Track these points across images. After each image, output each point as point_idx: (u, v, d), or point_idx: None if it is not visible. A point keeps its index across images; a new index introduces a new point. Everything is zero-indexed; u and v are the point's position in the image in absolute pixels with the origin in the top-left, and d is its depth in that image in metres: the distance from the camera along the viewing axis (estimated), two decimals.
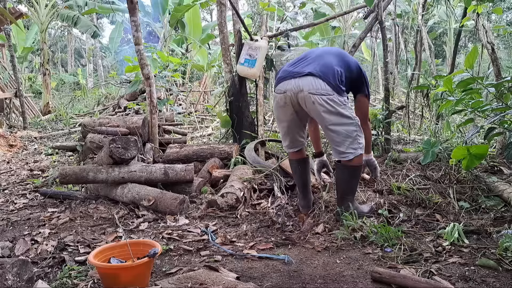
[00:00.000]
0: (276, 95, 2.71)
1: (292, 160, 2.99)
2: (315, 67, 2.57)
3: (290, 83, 2.60)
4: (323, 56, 2.67)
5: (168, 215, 3.04)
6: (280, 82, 2.68)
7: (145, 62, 4.27)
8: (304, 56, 2.77)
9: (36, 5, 10.98)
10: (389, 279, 1.89)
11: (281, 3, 16.18)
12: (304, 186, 2.97)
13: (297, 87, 2.56)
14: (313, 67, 2.58)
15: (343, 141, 2.59)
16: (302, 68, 2.61)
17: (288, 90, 2.60)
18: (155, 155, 4.26)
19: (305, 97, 2.54)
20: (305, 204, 2.96)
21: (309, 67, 2.59)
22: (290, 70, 2.66)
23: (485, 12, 4.01)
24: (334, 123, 2.56)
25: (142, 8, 11.74)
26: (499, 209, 2.76)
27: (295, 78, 2.59)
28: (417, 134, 5.39)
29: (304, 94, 2.54)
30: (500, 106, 2.72)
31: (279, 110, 2.75)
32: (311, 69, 2.56)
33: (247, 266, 2.17)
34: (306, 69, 2.58)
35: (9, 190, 4.01)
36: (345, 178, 2.75)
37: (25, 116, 8.65)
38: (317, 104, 2.52)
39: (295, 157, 2.96)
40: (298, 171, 2.97)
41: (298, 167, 2.97)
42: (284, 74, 2.68)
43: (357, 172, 2.75)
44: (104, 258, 1.99)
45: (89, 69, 22.81)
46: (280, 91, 2.66)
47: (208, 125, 7.97)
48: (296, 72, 2.61)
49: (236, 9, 4.29)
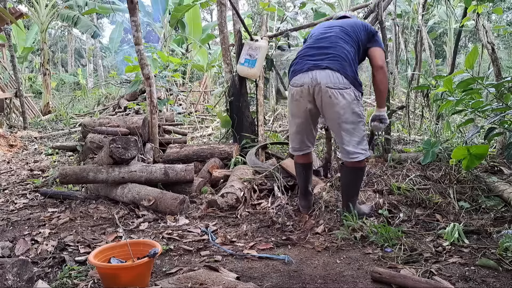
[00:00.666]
0: (292, 88, 2.63)
1: (298, 163, 2.94)
2: (332, 59, 2.51)
3: (307, 76, 2.53)
4: (338, 43, 2.58)
5: (168, 215, 3.04)
6: (296, 75, 2.60)
7: (145, 62, 4.27)
8: (316, 41, 2.66)
9: (36, 5, 10.97)
10: (389, 279, 1.89)
11: (281, 3, 16.17)
12: (306, 187, 2.95)
13: (315, 80, 2.50)
14: (330, 59, 2.51)
15: (353, 140, 2.57)
16: (319, 61, 2.53)
17: (305, 84, 2.54)
18: (155, 155, 4.26)
19: (322, 91, 2.48)
20: (305, 205, 2.95)
21: (326, 60, 2.52)
22: (307, 62, 2.58)
23: (485, 12, 4.00)
24: (347, 121, 2.53)
25: (142, 8, 11.73)
26: (499, 209, 2.76)
27: (312, 70, 2.52)
28: (417, 134, 5.39)
29: (321, 87, 2.48)
30: (500, 106, 2.72)
31: (294, 104, 2.67)
32: (329, 62, 2.50)
33: (247, 266, 2.17)
34: (324, 62, 2.51)
35: (9, 190, 4.01)
36: (352, 180, 2.73)
37: (25, 116, 8.65)
38: (333, 98, 2.47)
39: (302, 160, 2.90)
40: (302, 175, 2.93)
41: (302, 172, 2.92)
42: (300, 66, 2.60)
43: (363, 173, 2.76)
44: (104, 258, 1.99)
45: (89, 69, 22.81)
46: (297, 84, 2.58)
47: (208, 125, 7.97)
48: (313, 65, 2.53)
49: (236, 9, 4.29)
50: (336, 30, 2.68)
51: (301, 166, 2.92)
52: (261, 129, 4.37)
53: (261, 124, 4.38)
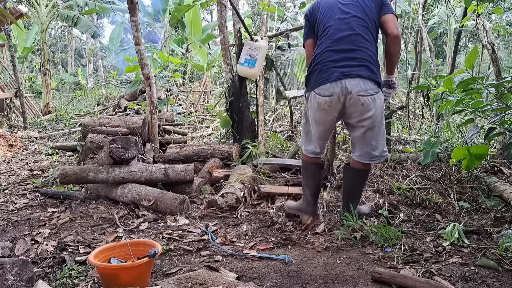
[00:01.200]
0: (319, 97, 2.48)
1: (313, 164, 2.75)
2: (360, 65, 2.42)
3: (336, 86, 2.42)
4: (360, 43, 2.45)
5: (168, 215, 3.04)
6: (324, 84, 2.45)
7: (145, 62, 4.27)
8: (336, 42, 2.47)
9: (36, 5, 10.98)
10: (389, 279, 1.89)
11: (281, 3, 16.15)
12: (317, 192, 2.80)
13: (345, 89, 2.40)
14: (359, 65, 2.42)
15: (380, 143, 2.55)
16: (347, 68, 2.42)
17: (335, 94, 2.42)
18: (155, 155, 4.26)
19: (353, 99, 2.41)
20: (314, 211, 2.78)
21: (355, 67, 2.41)
22: (333, 70, 2.44)
23: (485, 12, 4.00)
24: (377, 124, 2.49)
25: (142, 8, 11.73)
26: (499, 209, 2.76)
27: (341, 80, 2.41)
28: (417, 134, 5.39)
29: (352, 96, 2.40)
30: (500, 106, 2.72)
31: (320, 113, 2.53)
32: (358, 69, 2.41)
33: (247, 266, 2.17)
34: (353, 70, 2.41)
35: (10, 190, 4.01)
36: (360, 181, 2.72)
37: (25, 116, 8.65)
38: (366, 105, 2.42)
39: (317, 160, 2.76)
40: (316, 176, 2.76)
41: (316, 171, 2.77)
42: (327, 74, 2.45)
43: (368, 174, 2.76)
44: (104, 258, 1.99)
45: (89, 69, 22.80)
46: (325, 94, 2.45)
47: (208, 125, 7.97)
48: (341, 73, 2.42)
49: (236, 9, 4.29)
50: (353, 25, 2.47)
51: (316, 166, 2.76)
52: (261, 129, 4.37)
53: (261, 124, 4.38)
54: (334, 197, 3.10)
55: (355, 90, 2.40)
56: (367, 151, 2.57)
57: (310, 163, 2.76)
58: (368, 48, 2.47)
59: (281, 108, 7.83)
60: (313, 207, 2.77)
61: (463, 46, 18.16)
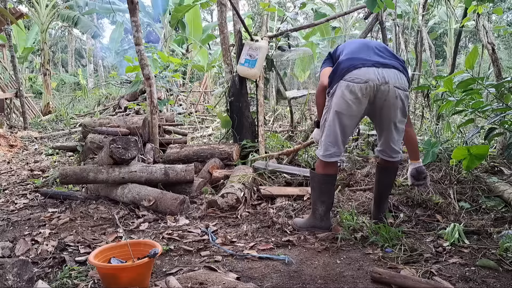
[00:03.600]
0: (352, 85, 2.27)
1: (330, 175, 2.52)
2: (395, 59, 2.38)
3: (372, 72, 2.26)
4: (381, 45, 2.48)
5: (168, 216, 3.04)
6: (358, 68, 2.27)
7: (145, 63, 4.27)
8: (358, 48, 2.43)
9: (36, 6, 10.98)
10: (389, 280, 1.89)
11: (281, 4, 16.16)
12: (331, 205, 2.61)
13: (382, 79, 2.26)
14: (393, 59, 2.38)
15: (399, 140, 2.54)
16: (383, 58, 2.34)
17: (370, 80, 2.25)
18: (155, 155, 4.26)
19: (389, 91, 2.28)
20: (328, 225, 2.58)
21: (389, 59, 2.36)
22: (367, 59, 2.32)
23: (485, 12, 4.00)
24: (402, 121, 2.44)
25: (143, 8, 11.75)
26: (500, 210, 2.76)
27: (378, 68, 2.27)
28: (417, 134, 5.39)
29: (389, 87, 2.27)
30: (501, 106, 2.71)
31: (353, 102, 2.30)
32: (393, 62, 2.34)
33: (247, 266, 2.17)
34: (389, 61, 2.33)
35: (10, 190, 4.02)
36: (392, 179, 2.74)
37: (25, 116, 8.65)
38: (399, 99, 2.32)
39: (334, 171, 2.54)
40: (332, 190, 2.59)
41: (333, 184, 2.59)
42: (359, 61, 2.31)
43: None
44: (104, 258, 1.99)
45: (90, 69, 22.81)
46: (360, 80, 2.25)
47: (208, 126, 7.98)
48: (377, 62, 2.30)
49: (236, 10, 4.29)
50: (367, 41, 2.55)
51: (332, 177, 2.55)
52: (261, 129, 4.37)
53: (261, 125, 4.38)
54: (335, 197, 3.09)
55: (392, 81, 2.28)
56: (391, 146, 2.52)
57: (329, 174, 2.51)
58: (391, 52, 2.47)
59: (281, 108, 7.84)
60: (328, 222, 2.58)
61: (463, 46, 18.16)
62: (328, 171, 2.50)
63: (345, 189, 3.34)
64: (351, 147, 4.69)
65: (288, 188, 3.43)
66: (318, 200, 2.55)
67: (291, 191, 3.32)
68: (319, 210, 2.56)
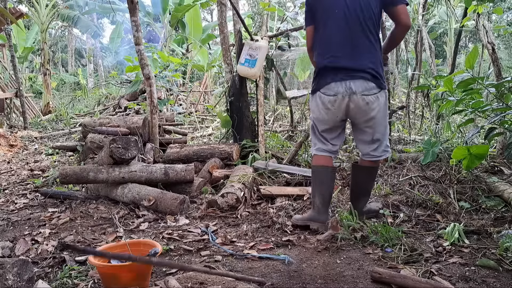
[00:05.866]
0: (324, 96, 2.54)
1: (323, 167, 2.64)
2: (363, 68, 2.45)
3: (341, 86, 2.47)
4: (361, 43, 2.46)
5: (168, 215, 3.04)
6: (330, 83, 2.50)
7: (145, 62, 4.27)
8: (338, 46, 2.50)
9: (36, 5, 10.98)
10: (389, 279, 1.89)
11: (281, 3, 16.16)
12: (329, 198, 2.68)
13: (349, 89, 2.45)
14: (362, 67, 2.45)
15: (384, 140, 2.61)
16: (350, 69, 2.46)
17: (339, 93, 2.48)
18: (155, 155, 4.26)
19: (358, 99, 2.46)
20: (326, 219, 2.61)
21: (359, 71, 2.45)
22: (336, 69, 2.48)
23: (485, 12, 4.00)
24: (381, 122, 2.55)
25: (143, 8, 11.74)
26: (500, 209, 2.76)
27: (345, 80, 2.46)
28: (417, 134, 5.39)
29: (357, 96, 2.45)
30: (501, 106, 2.72)
31: (325, 112, 2.56)
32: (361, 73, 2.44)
33: (247, 266, 2.17)
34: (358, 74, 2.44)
35: (10, 190, 4.02)
36: (368, 179, 2.75)
37: (25, 116, 8.65)
38: (370, 104, 2.47)
39: (327, 163, 2.65)
40: (328, 181, 2.65)
41: (328, 176, 2.65)
42: (332, 74, 2.50)
43: (376, 172, 2.80)
44: (104, 258, 1.99)
45: (90, 69, 22.81)
46: (330, 94, 2.51)
47: (208, 125, 7.97)
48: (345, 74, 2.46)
49: (236, 9, 4.29)
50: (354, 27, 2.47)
51: (327, 169, 2.65)
52: (261, 129, 4.37)
53: (261, 124, 4.38)
54: (335, 197, 3.09)
55: (359, 90, 2.45)
56: (371, 146, 2.62)
57: (322, 165, 2.64)
58: (370, 47, 2.48)
59: (281, 108, 7.84)
60: (324, 215, 2.63)
61: (464, 46, 18.16)
62: (319, 163, 2.66)
63: (345, 189, 3.34)
64: (351, 147, 4.69)
65: (288, 188, 3.43)
66: (314, 191, 2.67)
67: (291, 191, 3.32)
68: (316, 202, 2.64)
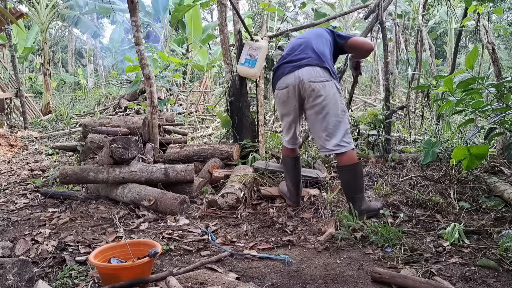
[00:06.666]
0: (278, 92, 2.82)
1: (289, 157, 3.07)
2: (310, 57, 2.70)
3: (290, 77, 2.71)
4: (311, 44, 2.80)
5: (168, 215, 3.04)
6: (280, 78, 2.79)
7: (145, 62, 4.27)
8: (292, 49, 2.86)
9: (36, 5, 10.98)
10: (389, 279, 1.89)
11: (281, 3, 16.16)
12: (298, 183, 3.08)
13: (297, 78, 2.68)
14: (308, 57, 2.71)
15: (338, 133, 2.66)
16: (298, 61, 2.73)
17: (289, 84, 2.72)
18: (155, 155, 4.26)
19: (305, 86, 2.66)
20: (297, 200, 3.09)
21: (304, 60, 2.71)
22: (286, 66, 2.77)
23: (485, 12, 4.00)
24: (332, 113, 2.65)
25: (143, 8, 11.74)
26: (500, 210, 2.76)
27: (293, 71, 2.70)
28: (417, 134, 5.39)
29: (304, 83, 2.65)
30: (501, 106, 2.71)
31: (283, 106, 2.84)
32: (307, 61, 2.70)
33: (247, 266, 2.17)
34: (303, 62, 2.70)
35: (10, 190, 4.02)
36: (352, 178, 2.75)
37: (25, 116, 8.65)
38: (317, 91, 2.64)
39: (293, 154, 3.07)
40: (294, 169, 3.07)
41: (294, 165, 3.07)
42: (282, 70, 2.79)
43: (359, 168, 2.78)
44: (104, 258, 1.99)
45: (90, 69, 22.82)
46: (281, 87, 2.78)
47: (208, 125, 7.98)
48: (293, 66, 2.72)
49: (236, 9, 4.29)
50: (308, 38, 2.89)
51: (293, 159, 3.07)
52: (261, 129, 4.36)
53: (262, 124, 4.38)
54: (335, 197, 3.09)
55: (306, 77, 2.65)
56: (326, 139, 2.69)
57: (288, 156, 3.07)
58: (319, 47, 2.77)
59: None
60: (295, 197, 3.09)
61: (464, 46, 18.16)
62: (284, 153, 3.10)
63: None
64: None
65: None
66: (287, 176, 3.14)
67: None
68: (288, 185, 3.11)
